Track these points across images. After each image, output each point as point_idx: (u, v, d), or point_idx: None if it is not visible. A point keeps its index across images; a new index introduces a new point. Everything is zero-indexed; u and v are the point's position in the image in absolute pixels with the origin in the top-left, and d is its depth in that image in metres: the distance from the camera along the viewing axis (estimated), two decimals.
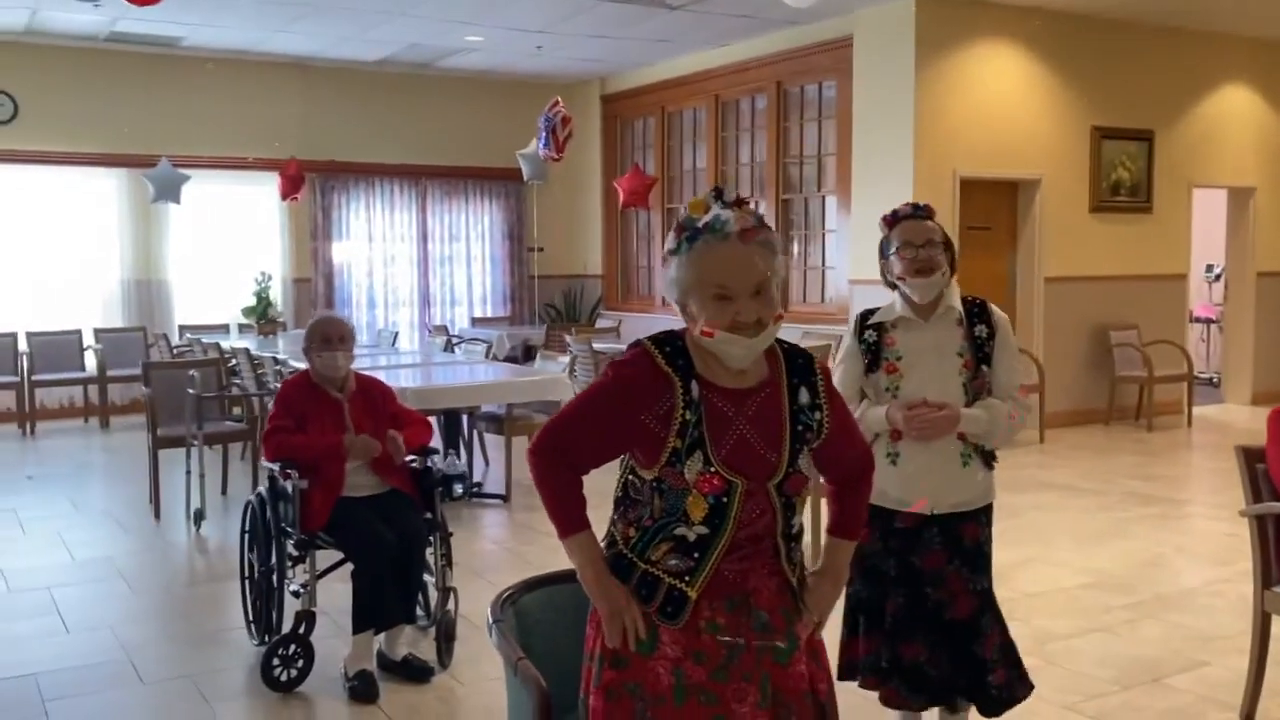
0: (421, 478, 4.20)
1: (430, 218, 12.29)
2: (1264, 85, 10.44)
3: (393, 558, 3.90)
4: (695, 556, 2.01)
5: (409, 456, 4.13)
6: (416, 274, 12.30)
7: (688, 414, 1.99)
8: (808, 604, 2.12)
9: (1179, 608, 4.76)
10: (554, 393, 6.84)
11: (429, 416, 6.87)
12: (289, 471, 3.95)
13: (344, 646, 3.99)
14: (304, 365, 4.31)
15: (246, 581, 4.37)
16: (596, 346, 8.39)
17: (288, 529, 4.04)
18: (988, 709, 3.04)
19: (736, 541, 2.01)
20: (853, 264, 9.15)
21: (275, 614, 4.12)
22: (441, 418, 7.13)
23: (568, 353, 8.17)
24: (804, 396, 2.08)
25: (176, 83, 10.84)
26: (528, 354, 10.05)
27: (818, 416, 2.09)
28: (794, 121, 10.19)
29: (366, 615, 3.88)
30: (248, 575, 4.36)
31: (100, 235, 10.78)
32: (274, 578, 4.09)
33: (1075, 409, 9.54)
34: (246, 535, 4.34)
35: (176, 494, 6.59)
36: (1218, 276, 12.15)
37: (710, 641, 2.02)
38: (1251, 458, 3.50)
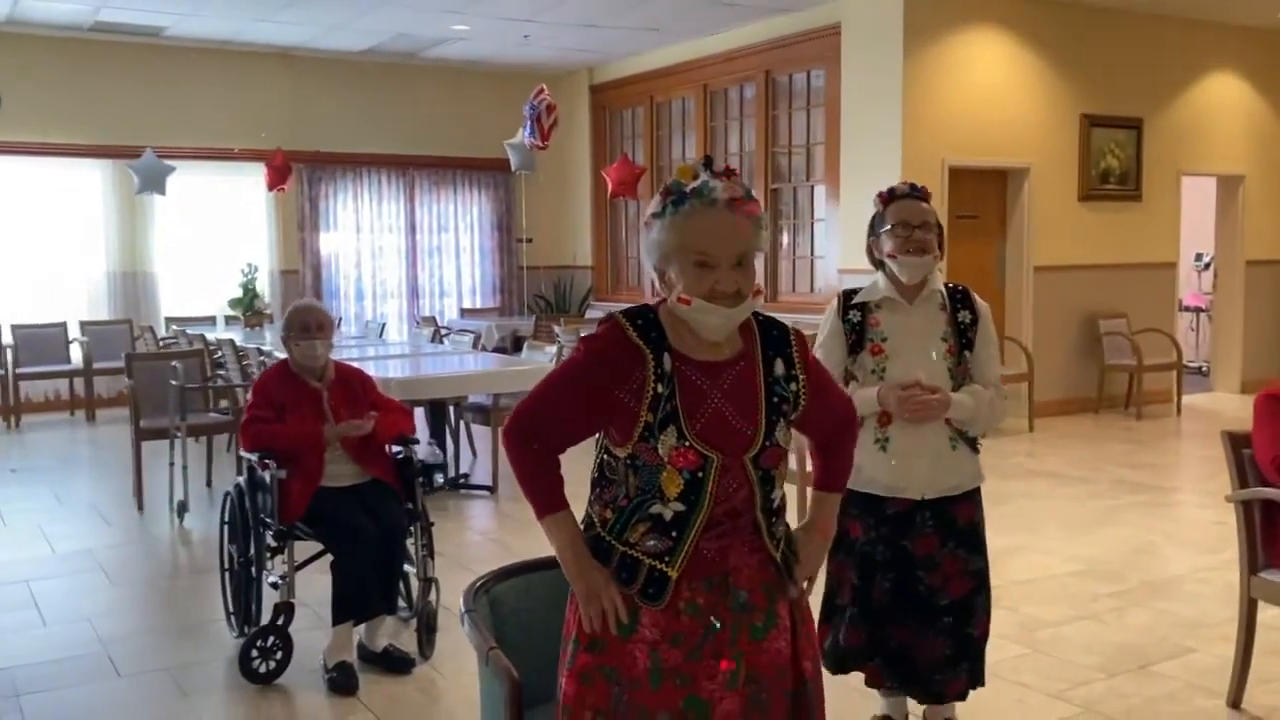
0: (402, 467, 4.16)
1: (418, 208, 12.23)
2: (1252, 73, 10.41)
3: (373, 548, 3.86)
4: (673, 535, 1.97)
5: (395, 449, 4.10)
6: (404, 265, 12.24)
7: (659, 387, 1.96)
8: (797, 559, 2.11)
9: (1166, 595, 4.73)
10: None
11: (415, 408, 6.90)
12: (267, 461, 3.91)
13: (324, 638, 3.95)
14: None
15: (226, 573, 4.33)
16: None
17: (266, 519, 3.99)
18: (968, 685, 3.03)
19: (714, 518, 1.98)
20: (842, 253, 9.11)
21: (254, 606, 4.07)
22: (427, 409, 7.09)
23: (555, 342, 8.11)
24: (779, 368, 2.05)
25: (161, 73, 10.76)
26: (516, 345, 9.99)
27: (794, 388, 2.06)
28: (782, 110, 10.15)
29: (346, 606, 3.84)
30: (227, 567, 4.31)
31: (85, 227, 10.70)
32: (253, 569, 4.05)
33: (1065, 397, 9.53)
34: (226, 526, 4.29)
35: (160, 486, 6.53)
36: (1207, 265, 12.13)
37: (689, 623, 1.98)
38: (1238, 443, 3.47)
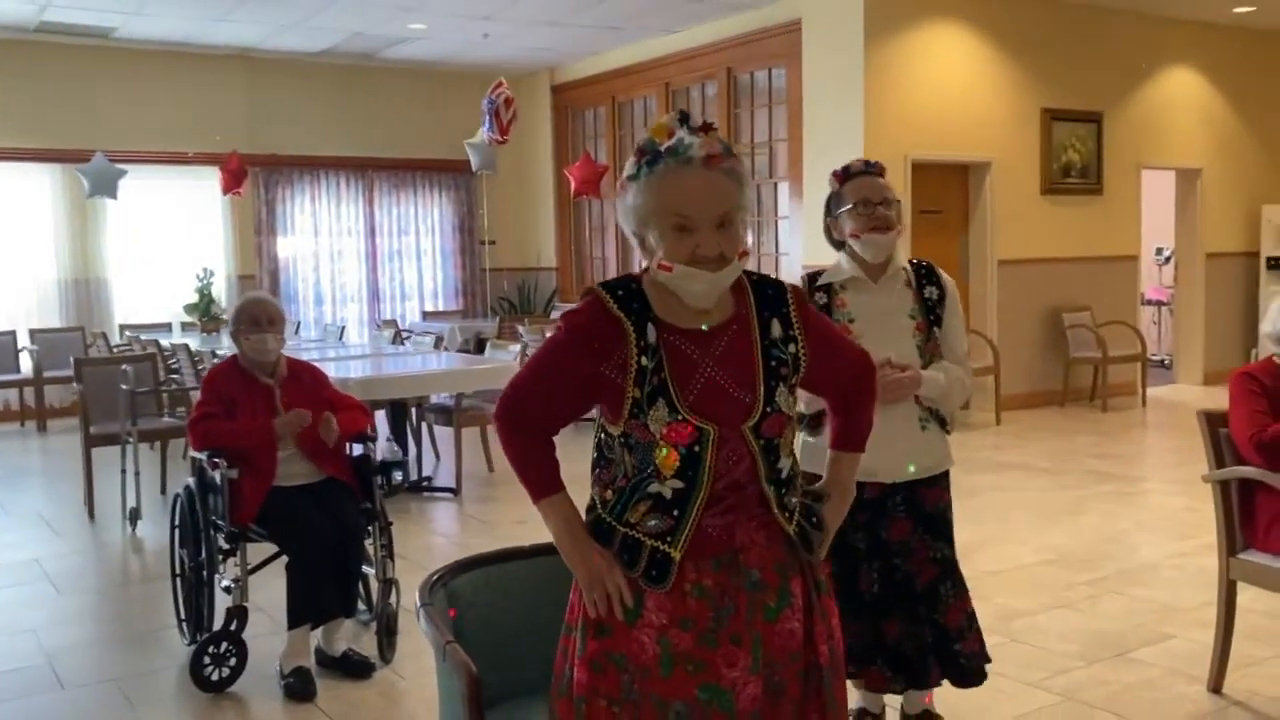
0: (359, 465, 4.02)
1: (378, 211, 12.05)
2: (1209, 68, 10.48)
3: (329, 549, 3.72)
4: (675, 514, 1.86)
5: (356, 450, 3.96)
6: (365, 269, 12.05)
7: (644, 359, 1.86)
8: (815, 527, 1.99)
9: (1141, 582, 4.68)
10: (504, 381, 6.64)
11: (376, 410, 6.74)
12: (217, 460, 3.76)
13: (280, 643, 3.80)
14: None
15: (177, 578, 4.17)
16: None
17: (217, 521, 3.84)
18: (960, 680, 2.93)
19: (716, 493, 1.86)
20: (806, 250, 9.07)
21: (206, 611, 3.91)
22: (388, 410, 6.94)
23: (519, 340, 7.99)
24: (776, 329, 1.93)
25: (111, 75, 10.53)
26: (480, 348, 9.85)
27: (792, 349, 1.93)
28: (745, 109, 10.08)
29: (302, 609, 3.69)
30: (178, 572, 4.16)
31: (34, 233, 10.43)
32: (204, 573, 3.89)
33: (1031, 391, 9.52)
34: (176, 530, 4.13)
35: (112, 495, 6.34)
36: (1167, 259, 12.21)
37: (696, 605, 1.86)
38: (1214, 422, 3.42)
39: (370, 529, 3.95)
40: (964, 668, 2.91)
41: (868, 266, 2.91)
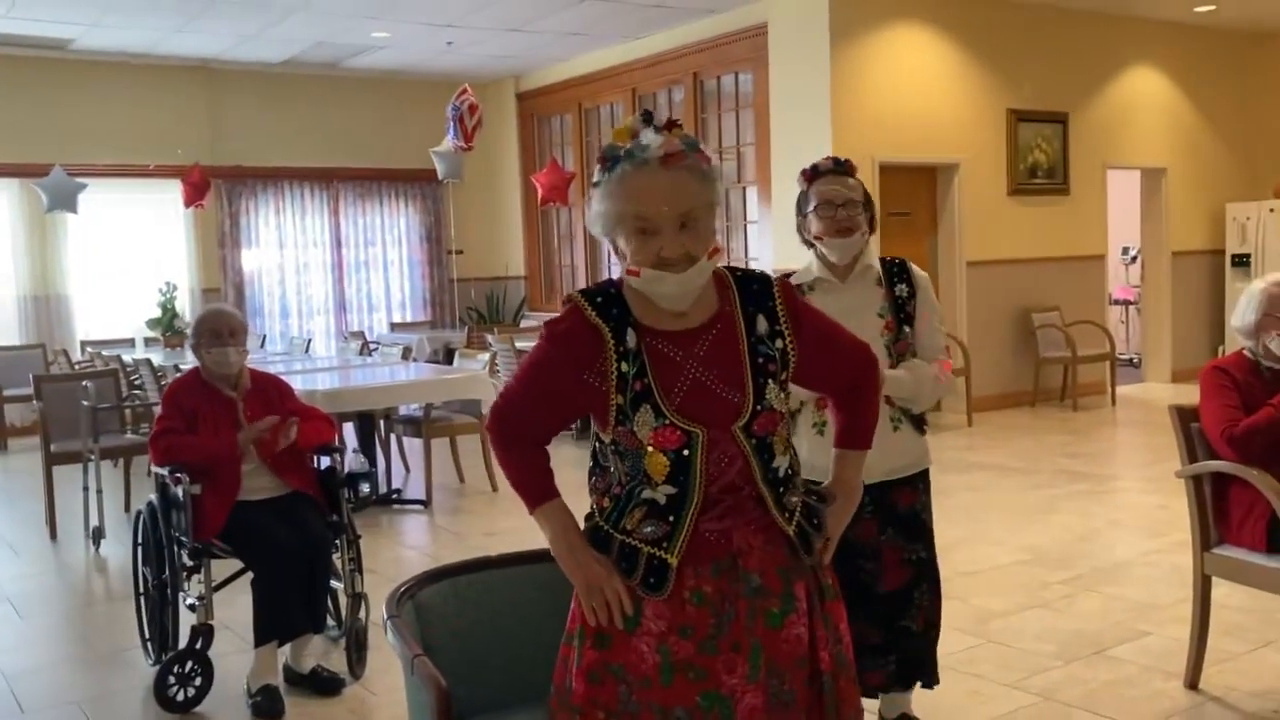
0: (325, 478, 3.95)
1: (344, 222, 11.94)
2: (1172, 67, 10.57)
3: (295, 564, 3.64)
4: (670, 520, 1.83)
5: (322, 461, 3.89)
6: (331, 280, 11.93)
7: (624, 366, 1.83)
8: (817, 529, 1.95)
9: (1116, 580, 4.68)
10: (473, 391, 6.60)
11: (344, 422, 6.65)
12: (179, 475, 3.67)
13: (247, 662, 3.71)
14: None
15: (141, 597, 4.07)
16: (519, 345, 8.16)
17: (181, 538, 3.75)
18: (930, 681, 2.90)
19: (710, 497, 1.83)
20: (775, 255, 9.05)
21: (171, 630, 3.82)
22: (356, 422, 6.85)
23: (488, 349, 7.91)
24: (762, 325, 1.89)
25: (69, 87, 10.37)
26: (449, 359, 9.77)
27: (780, 345, 1.90)
28: (712, 113, 10.07)
29: (268, 626, 3.61)
30: (141, 590, 4.06)
31: None
32: (168, 590, 3.80)
33: (1001, 391, 9.54)
34: (139, 548, 4.04)
35: (75, 514, 6.21)
36: (1134, 259, 12.31)
37: (696, 613, 1.83)
38: (1186, 417, 3.42)
39: (338, 542, 3.88)
40: (913, 661, 2.89)
41: (834, 267, 2.88)
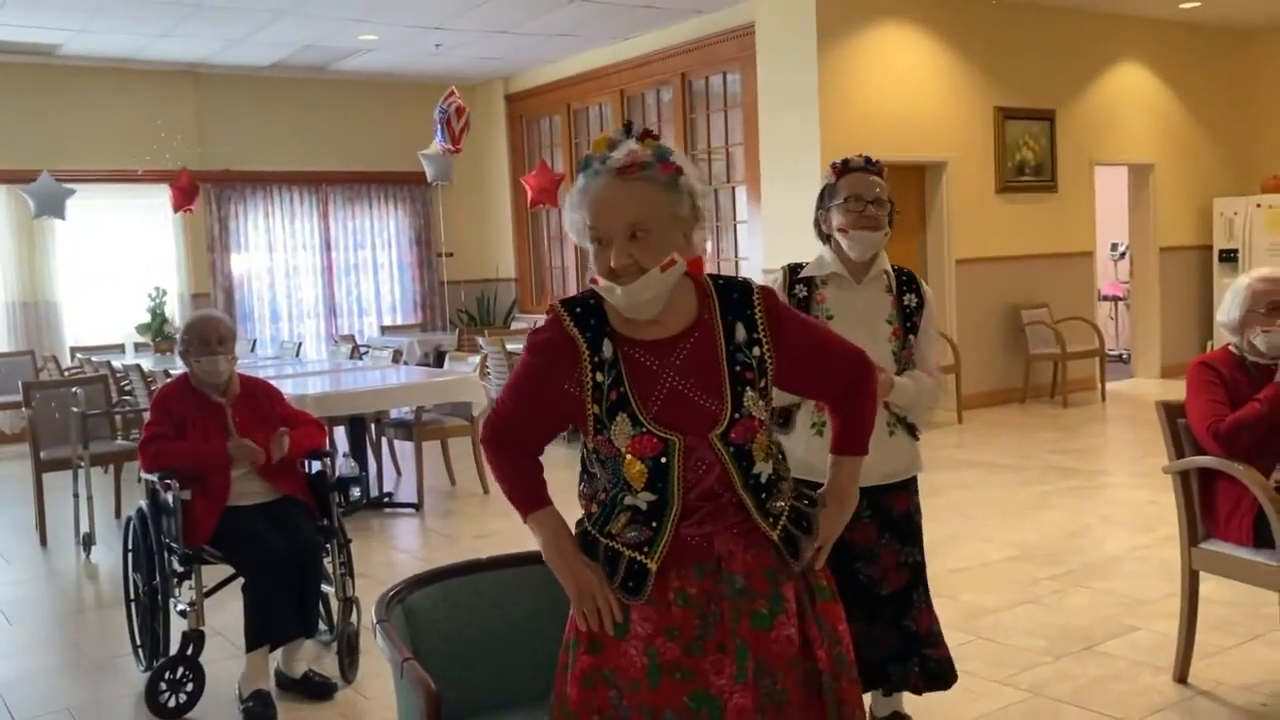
0: (315, 482, 3.95)
1: (333, 225, 11.91)
2: (1158, 63, 10.61)
3: (286, 569, 3.64)
4: (653, 525, 1.85)
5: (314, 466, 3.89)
6: (321, 284, 11.91)
7: (599, 375, 1.85)
8: (806, 532, 1.95)
9: (1105, 575, 4.70)
10: (464, 394, 6.60)
11: (335, 426, 6.64)
12: (169, 482, 3.67)
13: (239, 667, 3.71)
14: None
15: (131, 603, 4.07)
16: (510, 347, 8.16)
17: (171, 544, 3.75)
18: (926, 684, 2.90)
19: (689, 504, 1.85)
20: (765, 254, 9.06)
21: (162, 636, 3.82)
22: (347, 426, 6.84)
23: (479, 352, 7.92)
24: (740, 333, 1.90)
25: (56, 93, 10.34)
26: (439, 361, 9.76)
27: (757, 352, 1.90)
28: (700, 114, 10.08)
29: (260, 631, 3.61)
30: (132, 596, 4.06)
31: None
32: (159, 597, 3.80)
33: (991, 389, 9.57)
34: (130, 554, 4.04)
35: (65, 520, 6.20)
36: (1122, 255, 12.35)
37: (681, 614, 1.84)
38: (1173, 413, 3.44)
39: (328, 547, 3.88)
40: (933, 672, 2.88)
41: (851, 265, 2.89)
